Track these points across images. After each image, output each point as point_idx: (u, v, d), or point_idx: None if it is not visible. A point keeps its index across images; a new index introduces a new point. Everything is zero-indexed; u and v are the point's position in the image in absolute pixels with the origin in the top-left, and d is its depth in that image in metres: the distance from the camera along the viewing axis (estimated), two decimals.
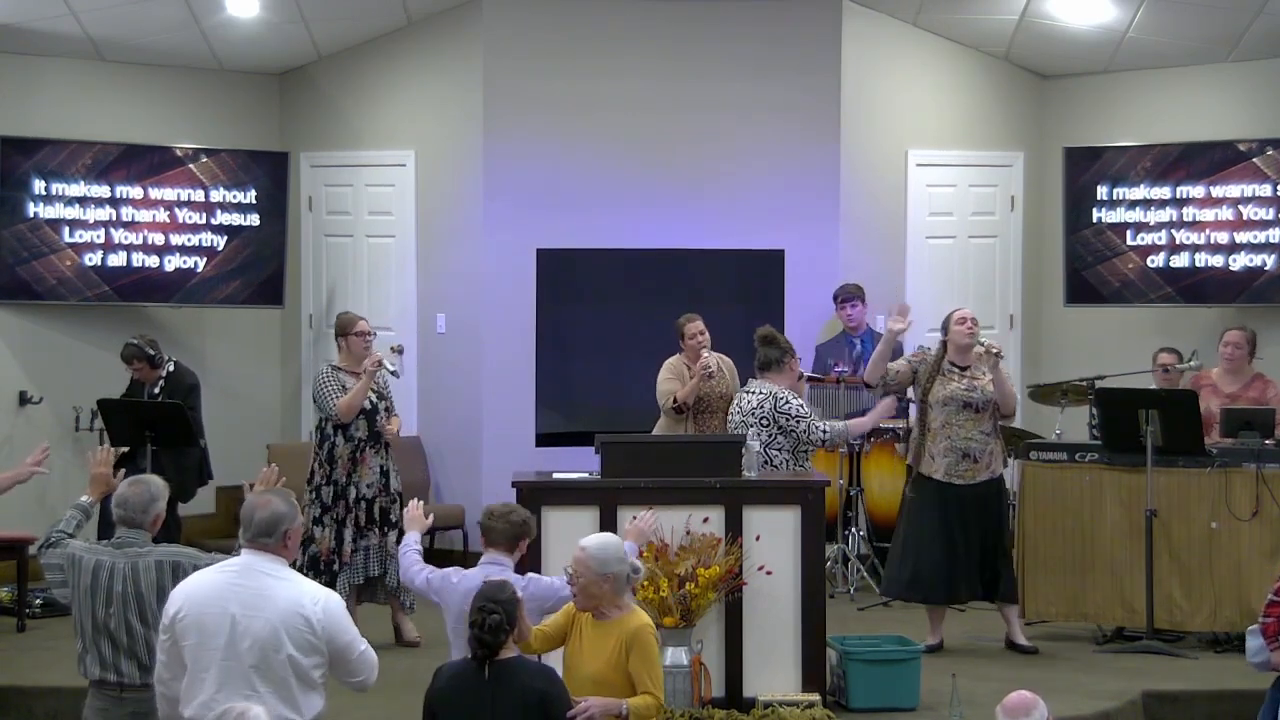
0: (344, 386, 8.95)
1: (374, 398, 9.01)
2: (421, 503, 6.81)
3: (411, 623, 9.06)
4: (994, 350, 8.67)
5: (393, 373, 9.22)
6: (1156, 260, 11.36)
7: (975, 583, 8.78)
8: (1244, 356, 9.78)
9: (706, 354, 9.53)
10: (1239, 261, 11.12)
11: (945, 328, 8.86)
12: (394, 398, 9.30)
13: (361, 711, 7.50)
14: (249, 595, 5.22)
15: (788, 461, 8.47)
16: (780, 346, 8.70)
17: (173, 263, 11.27)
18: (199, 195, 11.32)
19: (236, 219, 11.42)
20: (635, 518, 7.02)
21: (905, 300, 11.37)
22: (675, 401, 9.46)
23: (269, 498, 5.37)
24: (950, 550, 8.70)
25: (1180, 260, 11.30)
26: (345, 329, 9.15)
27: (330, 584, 8.84)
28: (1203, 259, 11.23)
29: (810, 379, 9.78)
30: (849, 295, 10.79)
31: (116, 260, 11.13)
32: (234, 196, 11.41)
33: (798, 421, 8.49)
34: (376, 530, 8.98)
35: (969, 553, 8.71)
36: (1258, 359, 9.94)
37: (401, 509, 9.03)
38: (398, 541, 8.91)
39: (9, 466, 10.29)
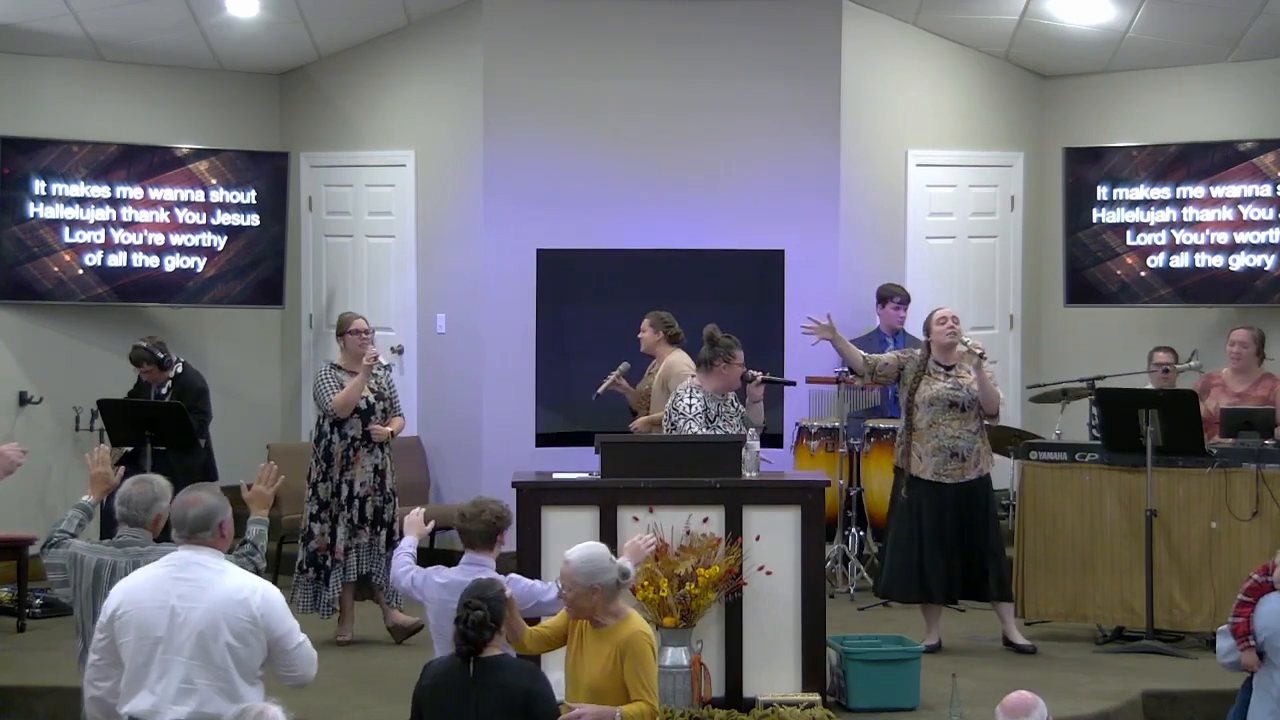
0: (341, 384, 9.03)
1: (371, 397, 9.05)
2: (422, 511, 6.81)
3: (403, 613, 9.05)
4: (977, 350, 8.64)
5: (386, 367, 9.27)
6: (1156, 260, 11.36)
7: (962, 582, 8.78)
8: (1251, 355, 9.79)
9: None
10: (1239, 261, 11.11)
11: (927, 328, 8.86)
12: (396, 397, 9.33)
13: (360, 712, 7.51)
14: (187, 587, 5.26)
15: None
16: (715, 348, 8.38)
17: (173, 263, 11.27)
18: (199, 195, 11.32)
19: (236, 219, 11.42)
20: (634, 538, 6.95)
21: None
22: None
23: (198, 494, 5.45)
24: (940, 550, 8.71)
25: (1180, 260, 11.30)
26: (342, 328, 9.26)
27: (326, 580, 8.89)
28: (1203, 259, 11.22)
29: (767, 381, 9.05)
30: (905, 298, 10.81)
31: (116, 260, 11.12)
32: (234, 197, 11.41)
33: (678, 418, 8.33)
34: (368, 529, 9.01)
35: (958, 552, 8.73)
36: (1268, 360, 9.94)
37: (395, 509, 9.08)
38: (388, 542, 8.96)
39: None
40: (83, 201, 11.02)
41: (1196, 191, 11.22)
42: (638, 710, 5.71)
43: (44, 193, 10.91)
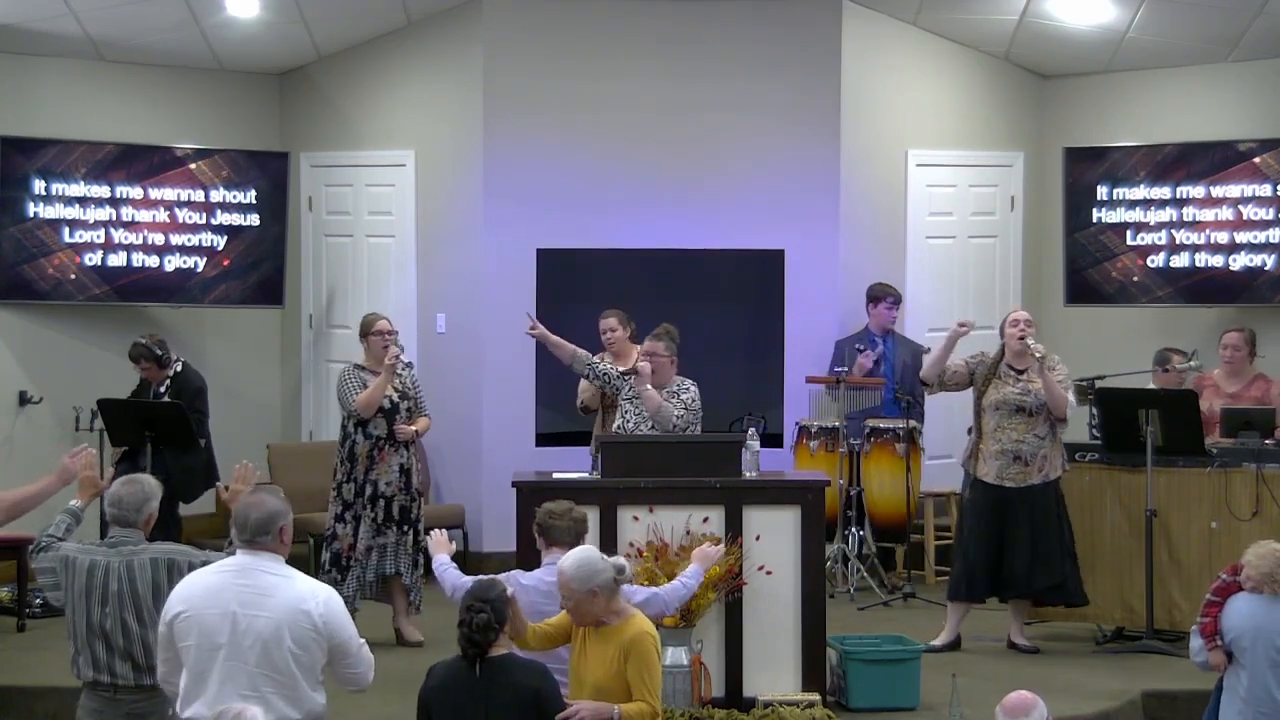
0: (364, 384, 9.02)
1: (395, 396, 9.05)
2: (444, 531, 6.78)
3: (413, 625, 9.07)
4: (1037, 354, 8.63)
5: (408, 364, 9.29)
6: (1156, 260, 11.36)
7: (1026, 584, 8.74)
8: (1243, 357, 9.80)
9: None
10: (1239, 261, 11.11)
11: (1002, 331, 8.87)
12: (421, 397, 9.29)
13: (360, 712, 7.50)
14: (250, 594, 5.21)
15: None
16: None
17: (172, 263, 11.27)
18: (199, 195, 11.32)
19: (236, 219, 11.42)
20: (703, 546, 6.98)
21: (907, 299, 11.42)
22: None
23: (261, 497, 5.37)
24: (1000, 552, 8.70)
25: (1180, 260, 11.30)
26: (365, 329, 9.26)
27: (344, 580, 8.88)
28: (1203, 259, 11.22)
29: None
30: (897, 299, 10.83)
31: (116, 260, 11.12)
32: (234, 196, 11.41)
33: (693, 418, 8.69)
34: (395, 529, 8.99)
35: (1020, 555, 8.69)
36: (1259, 358, 9.95)
37: (420, 509, 9.06)
38: (415, 542, 8.95)
39: (9, 467, 10.32)
40: (82, 201, 11.02)
41: (1196, 191, 11.22)
42: (637, 710, 5.70)
43: (44, 193, 10.91)
